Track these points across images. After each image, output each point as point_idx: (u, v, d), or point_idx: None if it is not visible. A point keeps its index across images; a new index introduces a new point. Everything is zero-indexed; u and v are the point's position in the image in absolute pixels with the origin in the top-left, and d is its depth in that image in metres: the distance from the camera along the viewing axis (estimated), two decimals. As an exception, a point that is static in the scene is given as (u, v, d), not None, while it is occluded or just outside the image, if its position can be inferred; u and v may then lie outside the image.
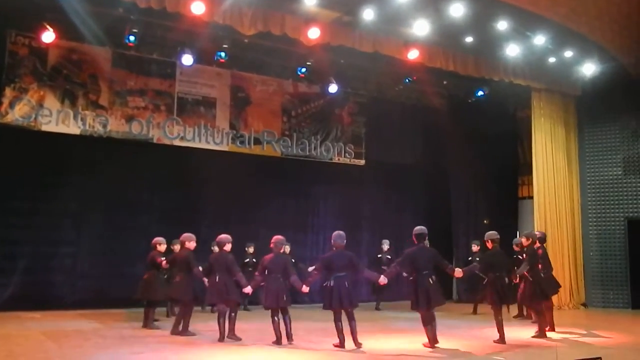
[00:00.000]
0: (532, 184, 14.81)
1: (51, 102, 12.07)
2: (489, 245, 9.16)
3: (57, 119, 12.10)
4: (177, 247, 10.85)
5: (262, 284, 8.75)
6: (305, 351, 8.02)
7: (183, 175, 13.27)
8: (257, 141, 14.31)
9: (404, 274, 9.20)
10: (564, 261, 14.07)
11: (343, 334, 8.19)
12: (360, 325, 8.37)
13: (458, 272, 8.78)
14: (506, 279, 8.99)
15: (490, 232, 9.30)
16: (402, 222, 16.00)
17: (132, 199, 12.93)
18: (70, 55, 12.35)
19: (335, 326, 8.23)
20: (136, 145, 12.96)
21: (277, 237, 8.82)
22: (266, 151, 14.42)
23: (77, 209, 12.50)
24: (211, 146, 13.70)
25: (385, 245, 13.96)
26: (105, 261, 12.56)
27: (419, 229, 8.69)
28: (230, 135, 13.97)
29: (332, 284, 8.17)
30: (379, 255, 13.78)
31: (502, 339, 8.72)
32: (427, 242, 8.66)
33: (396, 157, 16.38)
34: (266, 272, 8.62)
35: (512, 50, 12.51)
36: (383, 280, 8.57)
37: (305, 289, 8.54)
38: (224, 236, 9.12)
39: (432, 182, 16.71)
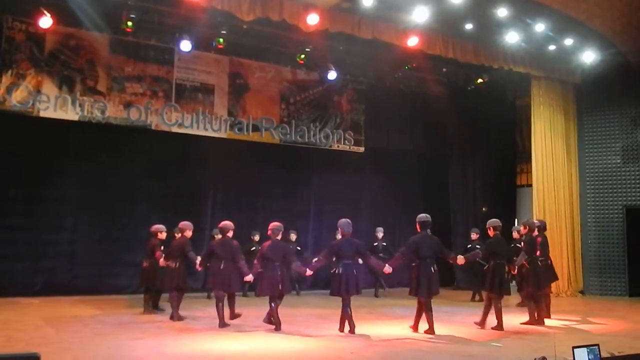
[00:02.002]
0: (530, 171, 14.84)
1: (49, 88, 12.01)
2: (491, 232, 9.17)
3: (55, 104, 12.04)
4: (178, 235, 10.87)
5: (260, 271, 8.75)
6: (305, 337, 8.04)
7: (181, 162, 13.27)
8: (256, 128, 14.27)
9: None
10: (562, 249, 14.11)
11: (353, 320, 8.25)
12: (359, 312, 8.39)
13: (460, 259, 8.84)
14: (506, 268, 9.01)
15: (493, 219, 9.32)
16: (400, 209, 16.05)
17: (131, 186, 12.91)
18: (68, 41, 12.27)
19: (344, 313, 8.29)
20: (134, 132, 12.92)
21: (274, 224, 8.81)
22: (265, 138, 14.38)
23: (76, 196, 12.49)
24: (209, 133, 13.65)
25: (380, 233, 13.96)
26: (104, 248, 12.57)
27: (423, 216, 8.72)
28: (229, 122, 13.92)
29: (340, 271, 8.25)
30: (375, 244, 13.77)
31: (499, 326, 8.75)
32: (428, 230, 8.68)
33: (395, 145, 16.38)
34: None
35: (512, 38, 12.48)
36: (388, 269, 8.59)
37: (309, 272, 8.67)
38: (227, 222, 9.13)
39: (431, 170, 16.71)
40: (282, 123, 14.66)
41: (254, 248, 12.51)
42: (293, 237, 13.34)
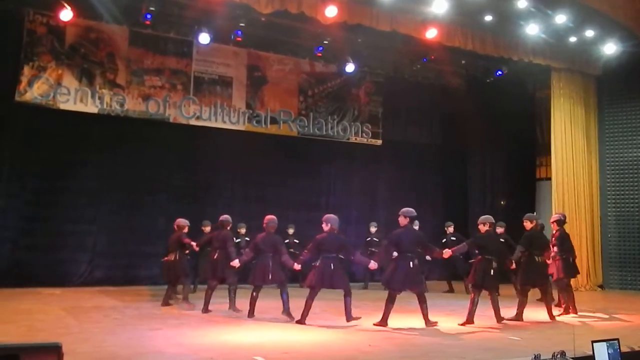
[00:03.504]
0: (550, 165, 14.70)
1: (69, 80, 12.11)
2: (482, 228, 9.02)
3: (75, 97, 12.15)
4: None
5: (252, 260, 9.11)
6: (322, 329, 8.07)
7: (199, 155, 13.36)
8: (274, 120, 14.28)
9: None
10: (582, 243, 13.97)
11: (308, 311, 8.39)
12: (376, 304, 8.41)
13: (447, 253, 8.77)
14: (494, 264, 8.80)
15: (485, 216, 9.22)
16: (418, 202, 15.95)
17: (150, 178, 13.01)
18: (88, 34, 12.37)
19: (306, 302, 8.42)
20: (153, 125, 13.00)
21: (269, 217, 9.08)
22: (282, 130, 14.40)
23: (96, 187, 12.62)
24: (227, 125, 13.70)
25: (373, 227, 13.88)
26: (124, 239, 12.70)
27: (407, 210, 8.65)
28: (247, 114, 13.95)
29: (318, 264, 8.47)
30: (368, 239, 13.72)
31: (469, 321, 8.60)
32: (417, 224, 8.65)
33: (413, 137, 16.31)
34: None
35: (532, 29, 12.36)
36: (373, 265, 8.73)
37: (297, 266, 8.86)
38: (226, 216, 9.62)
39: (449, 163, 16.63)
40: (300, 115, 14.66)
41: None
42: (291, 230, 13.35)
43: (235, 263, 9.13)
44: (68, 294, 11.08)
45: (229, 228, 9.56)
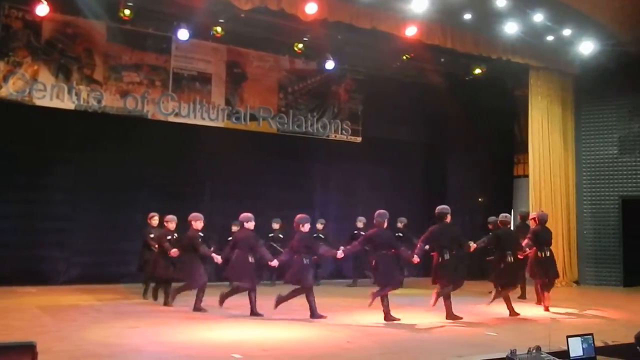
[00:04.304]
0: (527, 162, 14.84)
1: (45, 76, 11.95)
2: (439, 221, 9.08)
3: (52, 93, 11.99)
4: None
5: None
6: (301, 326, 8.09)
7: (178, 151, 13.24)
8: (253, 117, 14.23)
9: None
10: (558, 239, 14.06)
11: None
12: (358, 301, 8.43)
13: (416, 259, 8.95)
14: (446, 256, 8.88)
15: (441, 206, 9.27)
16: (398, 199, 16.05)
17: (127, 175, 12.87)
18: (65, 29, 12.21)
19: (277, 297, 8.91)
20: (131, 121, 12.88)
21: (244, 214, 9.22)
22: (262, 128, 14.36)
23: (72, 184, 12.46)
24: (207, 122, 13.62)
25: (360, 223, 13.88)
26: (101, 236, 12.55)
27: (382, 213, 8.90)
28: (226, 111, 13.89)
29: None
30: (355, 232, 13.75)
31: (448, 315, 8.81)
32: (385, 223, 8.86)
33: (393, 135, 16.34)
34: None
35: (511, 28, 12.45)
36: (340, 254, 8.94)
37: (274, 263, 9.10)
38: (195, 214, 9.75)
39: (429, 160, 16.72)
40: (280, 112, 14.63)
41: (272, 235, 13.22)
42: (276, 226, 13.34)
43: (218, 259, 9.43)
44: (44, 292, 10.95)
45: (195, 225, 9.63)
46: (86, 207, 12.59)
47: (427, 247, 9.26)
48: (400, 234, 13.35)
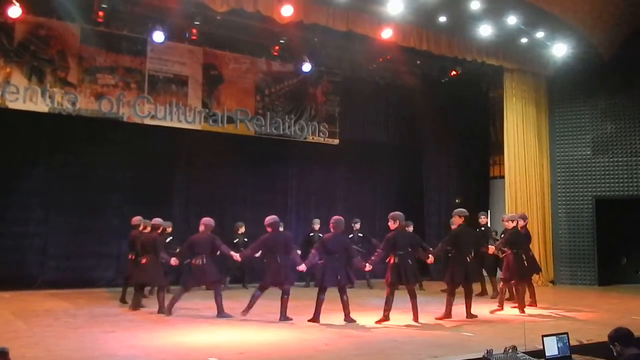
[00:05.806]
0: (503, 163, 14.98)
1: (18, 78, 11.77)
2: (392, 225, 8.94)
3: (25, 96, 11.81)
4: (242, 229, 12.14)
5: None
6: (278, 329, 8.07)
7: (155, 154, 13.14)
8: (230, 120, 14.17)
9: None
10: (534, 239, 14.14)
11: (252, 304, 8.95)
12: (333, 304, 8.46)
13: (368, 267, 9.09)
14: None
15: (394, 212, 9.14)
16: (376, 200, 16.13)
17: (103, 178, 12.77)
18: (38, 31, 12.03)
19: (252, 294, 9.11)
20: (106, 124, 12.74)
21: (205, 219, 9.48)
22: (239, 130, 14.29)
23: (47, 188, 12.32)
24: (183, 125, 13.53)
25: (356, 224, 13.90)
26: (76, 240, 12.43)
27: (336, 219, 8.99)
28: (203, 114, 13.80)
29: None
30: (351, 235, 13.75)
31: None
32: (340, 228, 8.92)
33: (370, 136, 16.42)
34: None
35: (485, 30, 12.56)
36: (303, 267, 8.96)
37: (237, 257, 9.47)
38: (158, 219, 9.98)
39: (405, 161, 16.80)
40: (257, 115, 14.58)
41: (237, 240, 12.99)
42: (241, 229, 13.22)
43: (174, 262, 9.56)
44: (18, 297, 10.78)
45: (159, 231, 9.90)
46: (61, 211, 12.44)
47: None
48: (360, 234, 13.59)
